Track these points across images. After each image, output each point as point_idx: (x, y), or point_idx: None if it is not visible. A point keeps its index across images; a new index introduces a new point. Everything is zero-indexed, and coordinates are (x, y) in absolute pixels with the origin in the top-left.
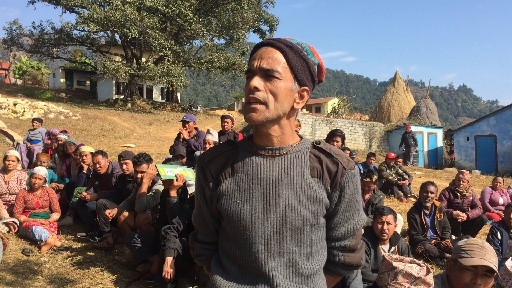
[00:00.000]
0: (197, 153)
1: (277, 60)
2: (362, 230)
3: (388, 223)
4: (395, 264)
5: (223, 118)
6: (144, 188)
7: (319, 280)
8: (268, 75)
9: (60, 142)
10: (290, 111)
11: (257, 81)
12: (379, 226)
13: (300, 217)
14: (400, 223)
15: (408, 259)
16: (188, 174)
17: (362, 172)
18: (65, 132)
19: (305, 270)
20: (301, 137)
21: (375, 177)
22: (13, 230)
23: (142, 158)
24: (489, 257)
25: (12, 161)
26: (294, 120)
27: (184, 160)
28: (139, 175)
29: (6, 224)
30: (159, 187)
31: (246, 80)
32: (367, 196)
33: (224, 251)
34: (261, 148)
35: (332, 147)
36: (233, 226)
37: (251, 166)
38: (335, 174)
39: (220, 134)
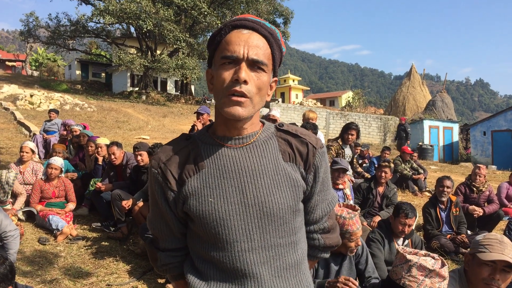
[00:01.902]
0: None
1: (264, 51)
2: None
3: (409, 226)
4: (409, 257)
5: None
6: None
7: (305, 270)
8: (255, 66)
9: (75, 133)
10: None
11: (246, 73)
12: (400, 227)
13: (281, 206)
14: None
15: (423, 252)
16: None
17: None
18: (84, 126)
19: (292, 261)
20: (263, 123)
21: (392, 164)
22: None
23: (157, 149)
24: (508, 252)
25: (26, 152)
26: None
27: None
28: None
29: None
30: None
31: (221, 65)
32: (381, 190)
33: (198, 256)
34: (226, 139)
35: (297, 127)
36: (208, 227)
37: (218, 159)
38: (306, 155)
39: None
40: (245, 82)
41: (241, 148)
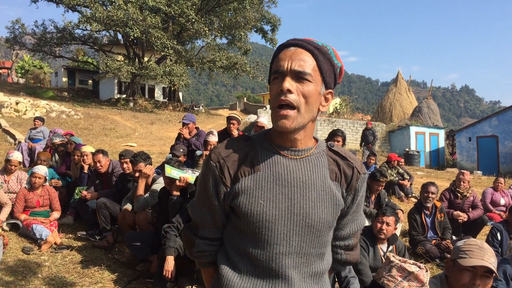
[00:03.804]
0: (198, 153)
1: (308, 62)
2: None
3: (387, 224)
4: (392, 258)
5: (229, 119)
6: (140, 189)
7: (326, 279)
8: (300, 77)
9: (56, 144)
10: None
11: (289, 83)
12: (378, 225)
13: (322, 220)
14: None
15: (411, 261)
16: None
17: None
18: (71, 135)
19: (318, 269)
20: (316, 140)
21: (389, 177)
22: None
23: (139, 157)
24: (488, 258)
25: (15, 166)
26: (315, 123)
27: (182, 158)
28: (137, 174)
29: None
30: (158, 186)
31: (272, 81)
32: (373, 197)
33: (235, 249)
34: (283, 148)
35: (346, 150)
36: (253, 226)
37: (274, 166)
38: (351, 178)
39: (225, 135)
40: (289, 91)
41: (295, 160)
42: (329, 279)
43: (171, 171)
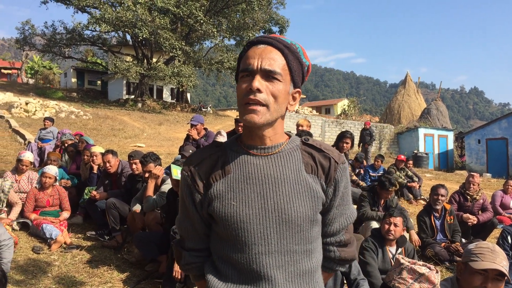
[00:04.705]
0: None
1: (277, 62)
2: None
3: (395, 225)
4: (402, 260)
5: (237, 121)
6: (150, 190)
7: (319, 279)
8: (270, 76)
9: (66, 144)
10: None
11: (259, 82)
12: (386, 226)
13: (300, 214)
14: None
15: (420, 263)
16: None
17: (379, 177)
18: (80, 135)
19: (306, 268)
20: (289, 135)
21: (398, 186)
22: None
23: (148, 158)
24: (500, 261)
25: (26, 166)
26: (283, 120)
27: None
28: (147, 175)
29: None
30: (166, 187)
31: (241, 79)
32: (382, 201)
33: (219, 256)
34: (252, 147)
35: (321, 142)
36: (229, 229)
37: (244, 166)
38: (328, 169)
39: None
40: (258, 90)
41: (266, 157)
42: (332, 281)
43: (177, 172)
